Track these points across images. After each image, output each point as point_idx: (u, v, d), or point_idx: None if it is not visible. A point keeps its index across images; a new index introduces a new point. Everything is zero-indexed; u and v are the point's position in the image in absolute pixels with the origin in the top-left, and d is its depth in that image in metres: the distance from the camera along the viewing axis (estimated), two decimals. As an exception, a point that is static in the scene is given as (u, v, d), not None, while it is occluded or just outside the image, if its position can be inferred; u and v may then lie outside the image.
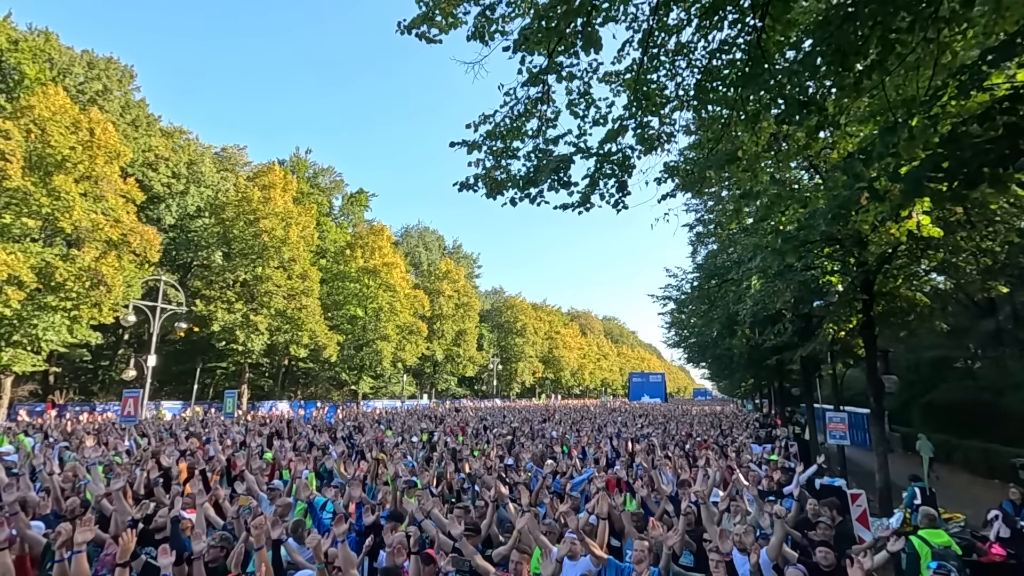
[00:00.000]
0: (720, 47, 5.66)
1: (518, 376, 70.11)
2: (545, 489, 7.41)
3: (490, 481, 7.02)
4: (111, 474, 7.46)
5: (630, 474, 8.94)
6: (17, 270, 19.81)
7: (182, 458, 8.64)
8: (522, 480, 7.91)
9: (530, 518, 5.20)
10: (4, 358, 21.36)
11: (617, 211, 5.51)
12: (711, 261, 16.72)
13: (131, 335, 39.90)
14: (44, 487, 6.65)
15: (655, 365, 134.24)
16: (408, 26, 5.19)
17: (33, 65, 28.68)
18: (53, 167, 22.21)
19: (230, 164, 43.55)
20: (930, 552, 5.32)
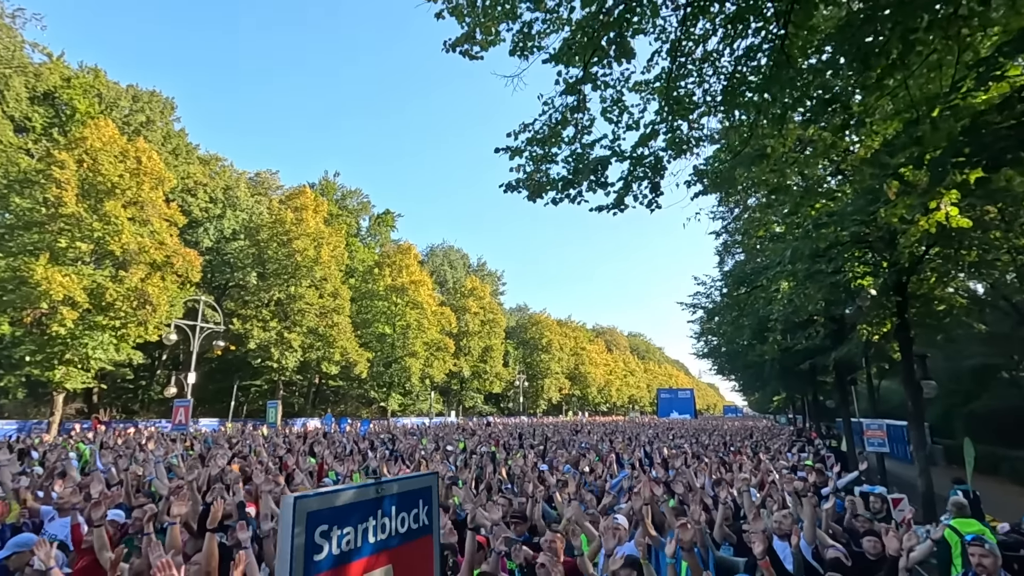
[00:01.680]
0: (745, 54, 5.95)
1: (544, 393, 69.87)
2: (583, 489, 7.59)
3: (530, 477, 7.25)
4: (171, 475, 7.94)
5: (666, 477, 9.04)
6: (72, 291, 20.94)
7: (233, 460, 9.08)
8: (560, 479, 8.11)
9: (577, 506, 5.42)
10: (57, 375, 22.44)
11: (651, 211, 5.79)
12: (739, 269, 16.76)
13: (168, 355, 41.25)
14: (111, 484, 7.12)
15: (683, 381, 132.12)
16: (453, 44, 5.63)
17: (84, 100, 30.52)
18: (104, 194, 23.51)
19: (263, 188, 45.16)
20: (960, 541, 5.33)
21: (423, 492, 1.54)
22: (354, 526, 1.31)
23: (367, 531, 1.34)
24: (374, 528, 1.36)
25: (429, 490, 1.56)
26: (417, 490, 1.52)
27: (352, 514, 1.31)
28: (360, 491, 1.37)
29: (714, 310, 19.31)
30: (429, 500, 1.55)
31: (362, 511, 1.34)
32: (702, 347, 25.20)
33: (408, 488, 1.49)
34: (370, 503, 1.37)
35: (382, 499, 1.40)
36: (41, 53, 31.35)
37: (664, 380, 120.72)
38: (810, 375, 21.30)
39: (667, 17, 5.78)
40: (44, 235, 22.57)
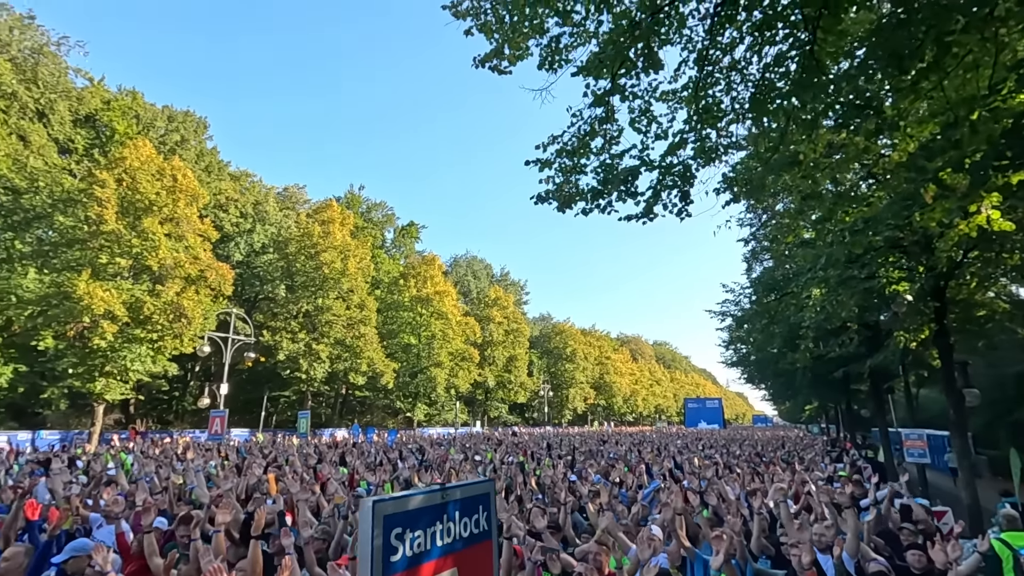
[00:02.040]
0: (774, 61, 5.94)
1: (569, 403, 69.43)
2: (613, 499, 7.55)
3: (561, 487, 7.25)
4: (210, 484, 8.15)
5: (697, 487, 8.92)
6: (112, 305, 21.73)
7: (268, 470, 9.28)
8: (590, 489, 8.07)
9: (611, 517, 5.40)
10: (98, 387, 23.22)
11: (681, 219, 5.79)
12: (768, 276, 16.50)
13: (200, 367, 42.28)
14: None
15: (711, 390, 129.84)
16: (482, 60, 5.76)
17: (123, 121, 31.78)
18: (142, 211, 24.39)
19: (291, 202, 46.22)
20: (1012, 555, 5.14)
21: (482, 498, 1.59)
22: (423, 529, 1.37)
23: (435, 535, 1.40)
24: (441, 532, 1.42)
25: (488, 496, 1.61)
26: (477, 496, 1.57)
27: (422, 518, 1.37)
28: (428, 496, 1.43)
29: (743, 318, 19.01)
30: (488, 506, 1.61)
31: (430, 515, 1.40)
32: (731, 356, 24.79)
33: (470, 494, 1.55)
34: (437, 508, 1.43)
35: (447, 504, 1.46)
36: (83, 78, 32.84)
37: (691, 389, 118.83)
38: (844, 383, 20.75)
39: (694, 27, 5.81)
40: (86, 252, 23.50)
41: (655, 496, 8.02)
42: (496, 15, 5.75)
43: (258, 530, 3.91)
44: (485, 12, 5.71)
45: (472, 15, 5.64)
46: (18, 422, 29.33)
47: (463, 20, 5.76)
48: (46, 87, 29.24)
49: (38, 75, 28.79)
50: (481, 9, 5.64)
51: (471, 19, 5.70)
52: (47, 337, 22.73)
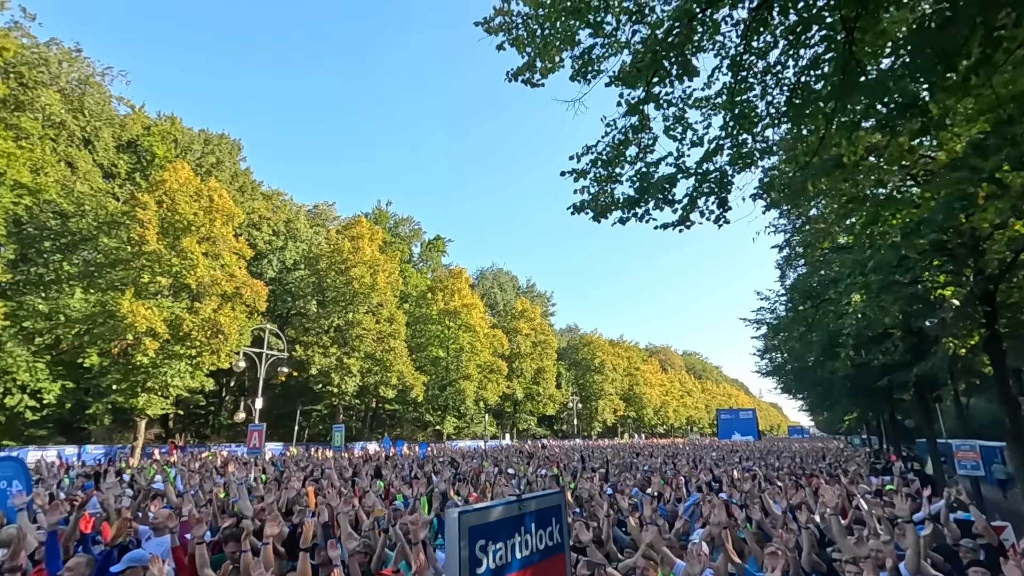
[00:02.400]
0: (810, 64, 5.85)
1: (599, 415, 68.63)
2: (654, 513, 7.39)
3: (600, 501, 7.14)
4: (252, 496, 8.28)
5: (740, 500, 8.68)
6: (153, 323, 22.49)
7: (306, 483, 9.39)
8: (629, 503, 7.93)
9: (655, 531, 5.29)
10: (140, 402, 23.97)
11: (719, 226, 5.71)
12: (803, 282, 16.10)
13: (235, 382, 43.25)
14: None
15: (743, 401, 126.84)
16: (515, 74, 5.82)
17: (162, 146, 33.08)
18: (180, 231, 25.26)
19: (321, 219, 47.24)
20: None
21: (555, 510, 1.58)
22: (504, 541, 1.36)
23: (514, 547, 1.39)
24: (519, 544, 1.41)
25: (559, 508, 1.60)
26: (550, 508, 1.56)
27: (502, 530, 1.36)
28: (507, 508, 1.42)
29: (779, 326, 18.56)
30: (560, 518, 1.59)
31: (509, 527, 1.39)
32: (766, 365, 24.20)
33: (544, 506, 1.54)
34: (515, 520, 1.42)
35: (523, 516, 1.45)
36: (126, 105, 34.36)
37: (723, 400, 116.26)
38: (887, 392, 20.02)
39: (727, 33, 5.77)
40: (129, 271, 24.41)
41: (695, 510, 7.84)
42: (528, 29, 5.81)
43: (306, 543, 3.96)
44: (516, 27, 5.78)
45: (504, 30, 5.72)
46: (65, 437, 30.42)
47: (495, 36, 5.84)
48: (92, 116, 30.66)
49: (84, 104, 30.22)
50: (513, 24, 5.71)
51: (503, 34, 5.78)
52: (92, 354, 23.61)
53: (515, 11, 5.65)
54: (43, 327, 23.80)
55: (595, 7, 5.34)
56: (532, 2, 5.40)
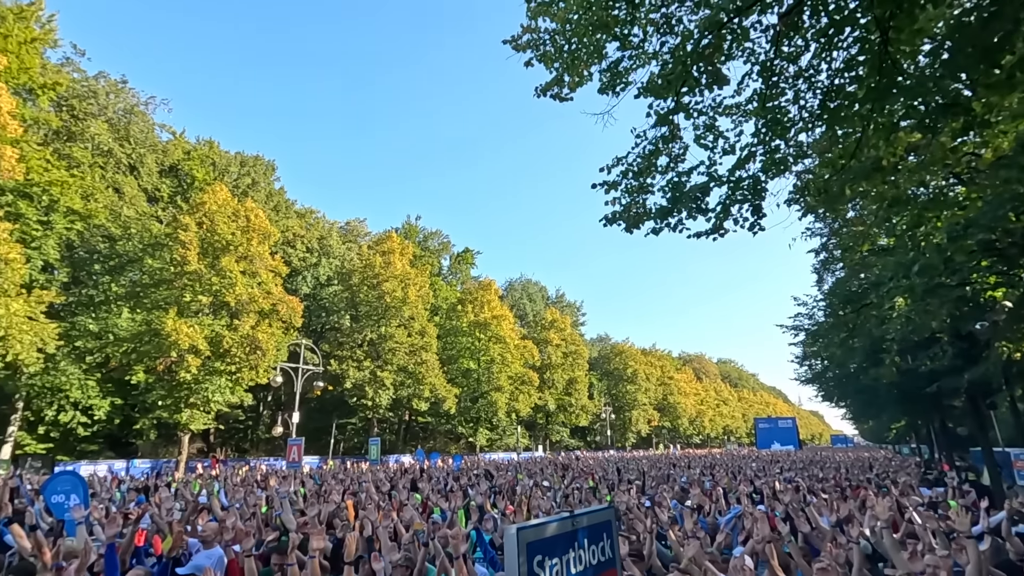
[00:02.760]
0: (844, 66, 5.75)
1: (632, 425, 67.63)
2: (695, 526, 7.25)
3: (638, 514, 7.04)
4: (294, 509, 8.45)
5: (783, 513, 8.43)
6: (195, 340, 23.29)
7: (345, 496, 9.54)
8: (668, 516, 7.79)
9: (698, 545, 5.20)
10: (184, 417, 24.78)
11: (754, 234, 5.63)
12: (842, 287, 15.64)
13: (272, 396, 44.25)
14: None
15: (782, 409, 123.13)
16: (543, 89, 5.89)
17: (201, 169, 34.43)
18: (219, 251, 26.16)
19: (353, 235, 48.23)
20: None
21: (606, 525, 1.59)
22: (559, 557, 1.38)
23: (569, 562, 1.41)
24: (573, 559, 1.43)
25: (610, 523, 1.61)
26: (601, 523, 1.57)
27: (557, 545, 1.39)
28: (561, 523, 1.45)
29: (818, 332, 18.03)
30: (611, 533, 1.61)
31: (564, 543, 1.41)
32: (805, 372, 23.49)
33: (595, 521, 1.55)
34: (569, 535, 1.44)
35: (576, 531, 1.48)
36: (167, 132, 35.97)
37: (761, 409, 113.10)
38: (936, 399, 19.19)
39: (756, 39, 5.73)
40: (172, 291, 25.38)
41: (737, 523, 7.65)
42: (555, 45, 5.89)
43: (349, 556, 4.03)
44: (544, 43, 5.86)
45: (532, 47, 5.80)
46: (114, 451, 31.61)
47: (523, 52, 5.93)
48: (137, 143, 32.16)
49: (130, 133, 31.74)
50: (540, 40, 5.79)
51: (531, 51, 5.86)
52: (139, 372, 24.55)
53: (542, 28, 5.74)
54: (94, 346, 24.89)
55: (622, 20, 5.39)
56: (559, 18, 5.48)
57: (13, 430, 24.78)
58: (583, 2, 5.32)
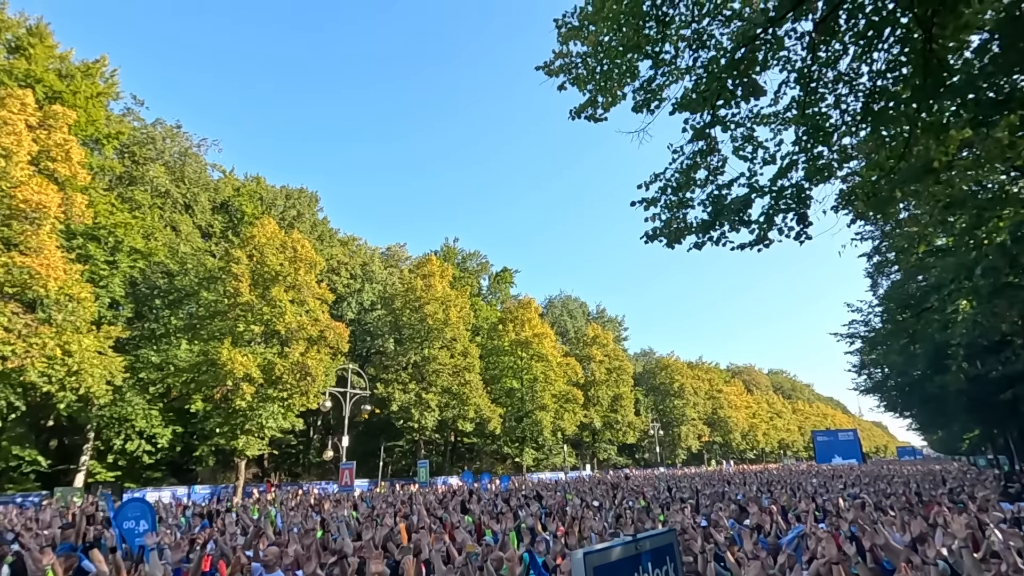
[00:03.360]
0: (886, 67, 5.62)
1: (682, 441, 65.76)
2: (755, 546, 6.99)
3: (694, 535, 6.85)
4: (350, 532, 8.61)
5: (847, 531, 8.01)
6: (249, 369, 24.22)
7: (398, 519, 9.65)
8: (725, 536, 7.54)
9: (759, 567, 5.03)
10: (240, 444, 25.66)
11: (800, 243, 5.51)
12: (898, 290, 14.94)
13: (321, 421, 45.27)
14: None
15: (841, 421, 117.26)
16: (577, 111, 5.99)
17: (250, 204, 36.13)
18: (269, 281, 27.24)
19: (394, 260, 49.36)
20: None
21: (668, 549, 1.60)
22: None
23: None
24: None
25: (672, 547, 1.62)
26: (663, 547, 1.58)
27: (622, 569, 1.41)
28: (625, 548, 1.47)
29: (875, 339, 17.24)
30: (674, 557, 1.61)
31: (629, 567, 1.43)
32: (864, 381, 22.43)
33: (657, 545, 1.56)
34: (633, 559, 1.46)
35: (640, 555, 1.49)
36: (218, 171, 38.05)
37: (818, 421, 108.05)
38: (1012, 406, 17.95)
39: (792, 47, 5.68)
40: (226, 322, 26.51)
41: (799, 542, 7.33)
42: (587, 67, 5.98)
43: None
44: (576, 66, 5.97)
45: (564, 71, 5.92)
46: (176, 478, 32.93)
47: (556, 77, 6.05)
48: (191, 183, 34.11)
49: (185, 173, 33.71)
50: (572, 64, 5.90)
51: (563, 75, 5.97)
52: (197, 400, 25.64)
53: (574, 52, 5.85)
54: (156, 377, 26.20)
55: (653, 39, 5.44)
56: (590, 41, 5.58)
57: (85, 459, 26.21)
58: (613, 24, 5.40)
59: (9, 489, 24.77)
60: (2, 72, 22.33)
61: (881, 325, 16.31)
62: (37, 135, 20.26)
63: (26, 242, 19.27)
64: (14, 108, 19.38)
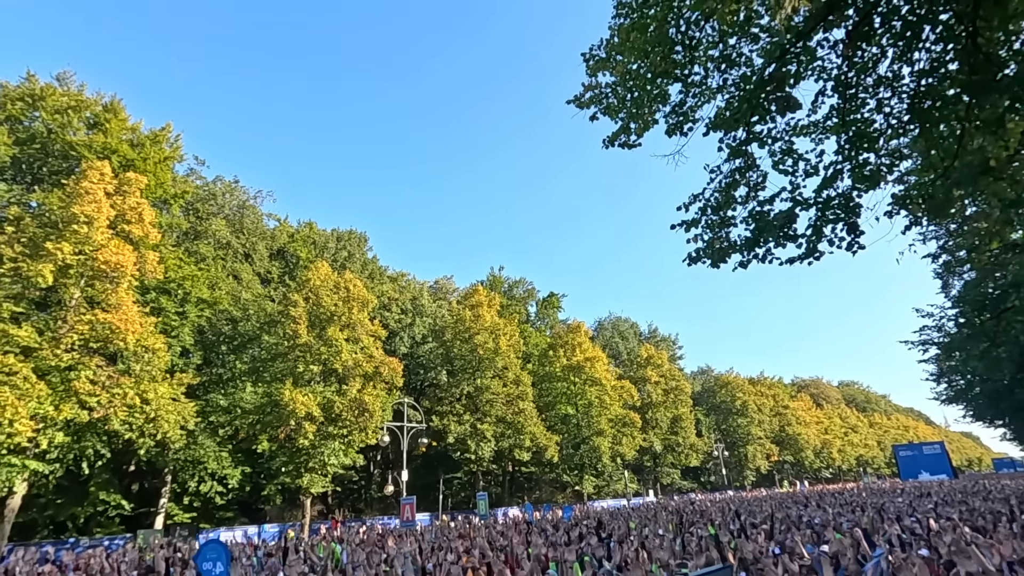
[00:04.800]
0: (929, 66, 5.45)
1: (749, 462, 62.74)
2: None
3: (770, 564, 6.53)
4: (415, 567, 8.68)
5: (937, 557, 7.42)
6: (310, 408, 25.05)
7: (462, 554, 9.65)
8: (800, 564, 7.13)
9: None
10: (305, 481, 26.38)
11: (853, 253, 5.33)
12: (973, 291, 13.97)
13: (380, 456, 45.92)
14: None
15: (925, 433, 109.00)
16: (610, 140, 6.08)
17: (304, 249, 37.87)
18: (325, 322, 28.29)
19: (443, 293, 50.26)
20: None
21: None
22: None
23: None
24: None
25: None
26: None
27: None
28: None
29: (951, 344, 16.10)
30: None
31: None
32: (945, 390, 20.88)
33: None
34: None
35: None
36: (273, 220, 40.20)
37: (899, 434, 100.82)
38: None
39: (825, 56, 5.60)
40: (287, 363, 27.62)
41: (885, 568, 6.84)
42: (617, 96, 6.08)
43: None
44: (606, 96, 6.08)
45: (595, 102, 6.04)
46: (247, 517, 34.04)
47: (587, 108, 6.18)
48: (249, 233, 36.17)
49: (243, 225, 35.80)
50: (603, 95, 6.02)
51: (594, 106, 6.09)
52: (263, 441, 26.62)
53: (603, 83, 5.97)
54: (224, 420, 27.42)
55: (681, 63, 5.49)
56: (619, 71, 5.68)
57: (164, 501, 27.56)
58: (641, 52, 5.50)
59: (97, 533, 26.29)
60: (83, 147, 24.60)
61: (957, 329, 15.24)
62: (114, 201, 22.09)
63: (107, 299, 20.85)
64: (95, 178, 21.27)
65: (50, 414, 18.71)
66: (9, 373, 17.98)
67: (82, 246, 20.20)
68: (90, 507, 24.79)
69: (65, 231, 20.07)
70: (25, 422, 17.81)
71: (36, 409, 18.37)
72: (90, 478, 23.75)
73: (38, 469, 19.25)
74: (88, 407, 19.59)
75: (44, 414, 18.62)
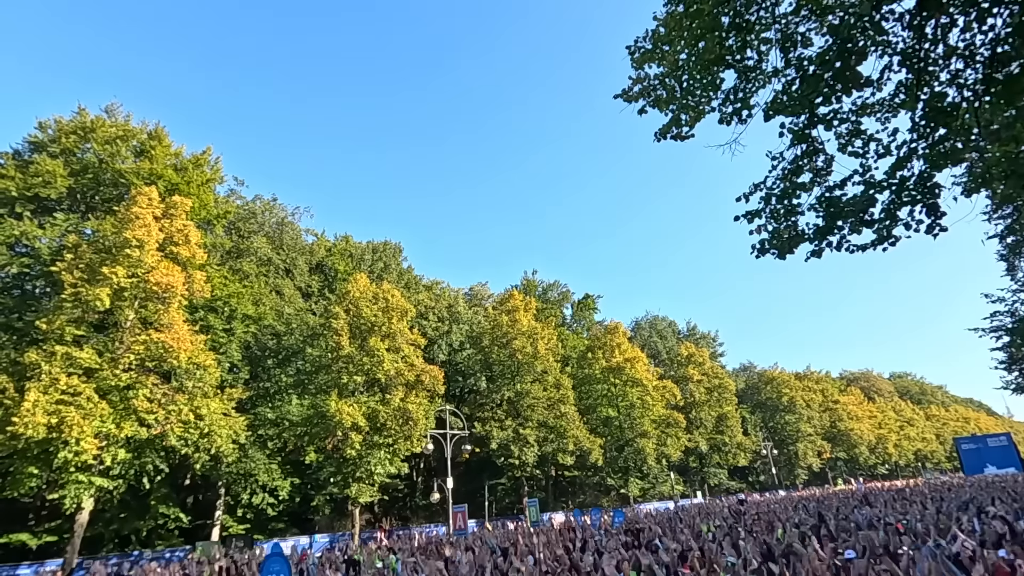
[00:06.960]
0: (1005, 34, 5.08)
1: (800, 460, 60.66)
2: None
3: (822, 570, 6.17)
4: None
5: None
6: (356, 418, 25.41)
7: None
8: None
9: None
10: (353, 491, 26.74)
11: (934, 236, 4.98)
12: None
13: (424, 464, 46.24)
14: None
15: (988, 424, 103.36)
16: (661, 132, 5.87)
17: (342, 262, 38.60)
18: (366, 332, 28.70)
19: (478, 299, 50.43)
20: None
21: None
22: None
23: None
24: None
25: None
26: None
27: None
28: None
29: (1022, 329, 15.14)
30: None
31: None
32: (1017, 378, 19.65)
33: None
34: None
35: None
36: (311, 235, 41.17)
37: (959, 426, 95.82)
38: None
39: (891, 28, 5.28)
40: (331, 375, 28.11)
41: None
42: (666, 87, 5.88)
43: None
44: (655, 88, 5.88)
45: (644, 95, 5.85)
46: (298, 528, 34.72)
47: (635, 103, 5.99)
48: (289, 249, 37.09)
49: (283, 241, 36.75)
50: (651, 87, 5.83)
51: (643, 99, 5.90)
52: (310, 452, 27.13)
53: (651, 75, 5.78)
54: (273, 433, 28.07)
55: (734, 48, 5.27)
56: (668, 62, 5.49)
57: (219, 514, 28.36)
58: (691, 40, 5.29)
59: (158, 545, 27.23)
60: (132, 174, 25.66)
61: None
62: (162, 224, 22.95)
63: (159, 319, 21.63)
64: (144, 204, 22.15)
65: (112, 432, 19.48)
66: (74, 394, 18.80)
67: (135, 269, 21.02)
68: (151, 520, 25.71)
69: (119, 255, 20.93)
70: (90, 440, 18.59)
71: (100, 427, 19.16)
72: (150, 492, 24.63)
73: (103, 485, 20.03)
74: (146, 424, 20.33)
75: (107, 432, 19.40)
